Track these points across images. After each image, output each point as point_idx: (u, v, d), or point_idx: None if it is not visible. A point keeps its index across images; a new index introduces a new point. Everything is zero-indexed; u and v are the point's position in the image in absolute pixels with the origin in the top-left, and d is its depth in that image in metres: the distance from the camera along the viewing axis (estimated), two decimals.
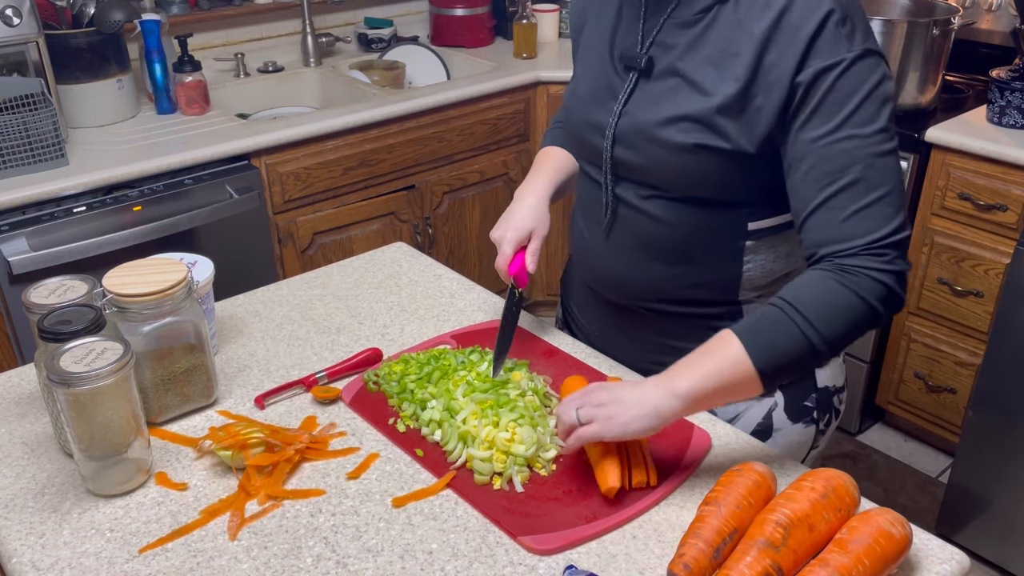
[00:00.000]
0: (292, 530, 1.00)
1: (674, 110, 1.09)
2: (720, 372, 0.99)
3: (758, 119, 1.05)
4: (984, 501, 2.13)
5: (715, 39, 1.07)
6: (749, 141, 1.06)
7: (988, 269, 2.24)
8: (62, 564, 0.96)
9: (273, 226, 2.37)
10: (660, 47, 1.13)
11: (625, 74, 1.17)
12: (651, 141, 1.11)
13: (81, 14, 2.24)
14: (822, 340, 0.99)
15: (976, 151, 2.16)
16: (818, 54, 1.01)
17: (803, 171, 1.04)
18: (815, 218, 1.04)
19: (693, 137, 1.07)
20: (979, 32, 2.64)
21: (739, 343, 0.99)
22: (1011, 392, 2.01)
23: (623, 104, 1.15)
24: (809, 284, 1.02)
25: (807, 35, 1.01)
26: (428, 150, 2.60)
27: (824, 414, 1.27)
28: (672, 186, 1.13)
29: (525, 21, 2.84)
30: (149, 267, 1.12)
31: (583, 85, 1.24)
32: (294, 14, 2.85)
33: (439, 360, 1.24)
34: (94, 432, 1.01)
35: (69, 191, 2.01)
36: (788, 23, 1.02)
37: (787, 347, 0.99)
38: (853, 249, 1.01)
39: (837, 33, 1.01)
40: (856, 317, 1.00)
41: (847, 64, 1.00)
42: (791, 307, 1.00)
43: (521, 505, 1.02)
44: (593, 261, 1.27)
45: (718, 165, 1.08)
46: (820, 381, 1.26)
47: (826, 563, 0.87)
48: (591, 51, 1.24)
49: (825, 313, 0.99)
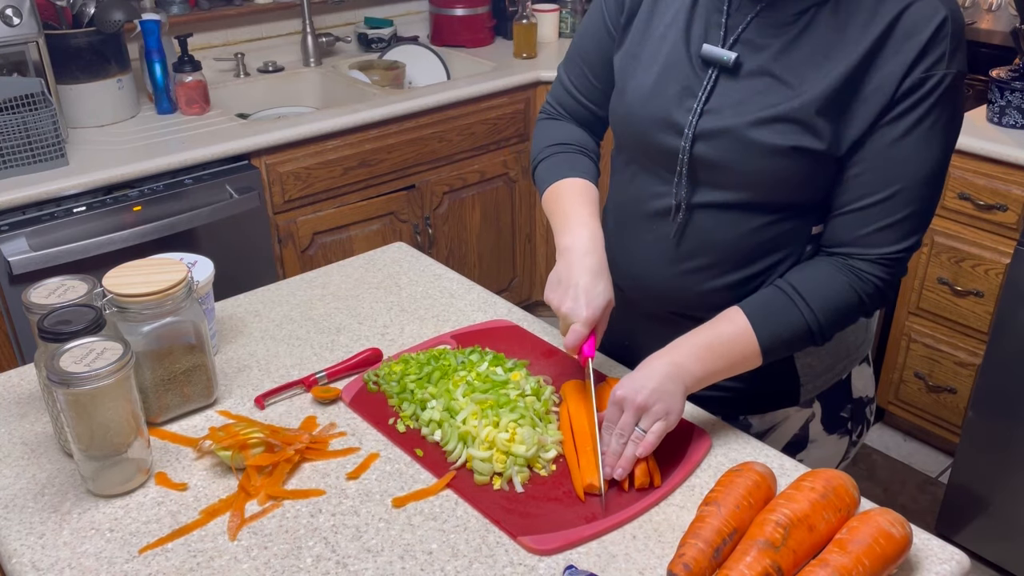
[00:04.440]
0: (292, 530, 1.00)
1: (768, 111, 1.05)
2: (731, 358, 1.07)
3: (853, 123, 1.03)
4: (984, 501, 2.13)
5: (814, 41, 1.04)
6: (841, 144, 1.05)
7: (988, 269, 2.24)
8: (62, 564, 0.96)
9: (273, 226, 2.37)
10: (747, 45, 1.07)
11: (704, 70, 1.10)
12: (740, 142, 1.06)
13: (81, 14, 2.24)
14: (820, 331, 1.08)
15: (976, 151, 2.16)
16: (923, 62, 1.00)
17: (856, 171, 1.05)
18: (847, 218, 1.08)
19: (790, 139, 1.04)
20: (979, 32, 2.64)
21: (746, 321, 1.06)
22: (1011, 392, 2.01)
23: (704, 102, 1.09)
24: (820, 277, 1.08)
25: (920, 43, 0.99)
26: (428, 150, 2.60)
27: (857, 425, 1.28)
28: (755, 188, 1.09)
29: (525, 21, 2.84)
30: (149, 267, 1.12)
31: (648, 75, 1.14)
32: (294, 14, 2.85)
33: (439, 360, 1.24)
34: (94, 432, 1.01)
35: (69, 191, 2.01)
36: (901, 31, 1.00)
37: (791, 334, 1.07)
38: (870, 256, 1.07)
39: (945, 46, 1.00)
40: (852, 313, 1.09)
41: (943, 81, 1.00)
42: (800, 298, 1.07)
43: (521, 505, 1.02)
44: (640, 268, 1.21)
45: (808, 167, 1.06)
46: (855, 391, 1.26)
47: (826, 563, 0.87)
48: (653, 41, 1.15)
49: (829, 308, 1.07)
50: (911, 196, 1.04)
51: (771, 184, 1.08)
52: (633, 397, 1.02)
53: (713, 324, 1.08)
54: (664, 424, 1.02)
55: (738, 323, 1.07)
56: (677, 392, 1.03)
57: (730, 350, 1.07)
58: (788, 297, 1.07)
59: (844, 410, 1.25)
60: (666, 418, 1.03)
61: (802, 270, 1.09)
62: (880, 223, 1.05)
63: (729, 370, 1.08)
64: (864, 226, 1.06)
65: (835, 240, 1.09)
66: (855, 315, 1.09)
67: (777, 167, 1.06)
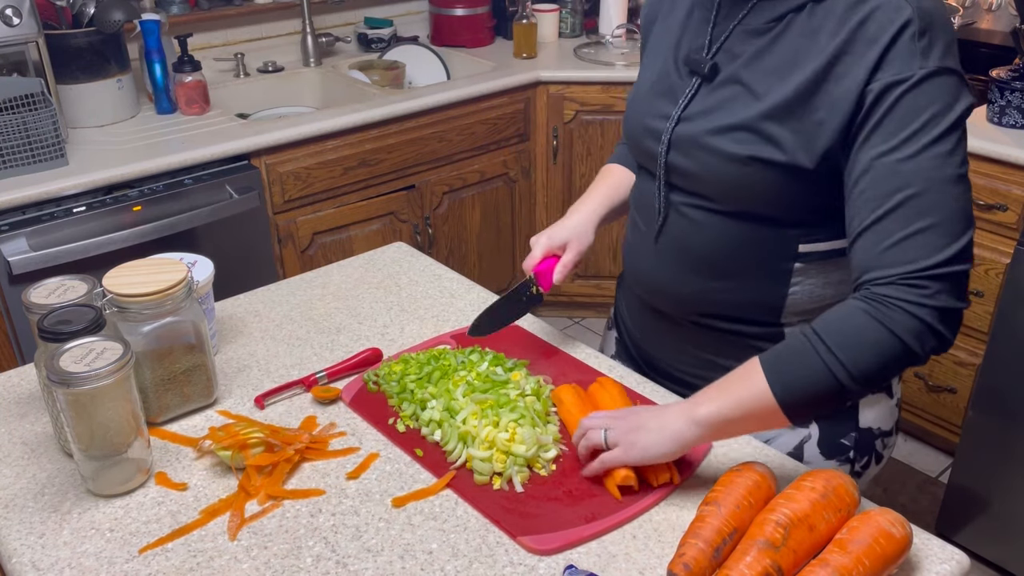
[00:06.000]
0: (292, 530, 1.00)
1: (728, 119, 1.05)
2: (741, 402, 0.97)
3: (819, 133, 1.00)
4: (984, 501, 2.13)
5: (783, 49, 1.03)
6: (808, 156, 1.01)
7: (988, 269, 2.24)
8: (62, 564, 0.96)
9: (273, 226, 2.37)
10: (726, 54, 1.09)
11: (688, 78, 1.12)
12: (703, 149, 1.07)
13: (81, 14, 2.24)
14: (848, 375, 0.93)
15: (976, 151, 2.16)
16: (889, 67, 0.95)
17: (859, 190, 0.98)
18: (862, 240, 0.97)
19: (747, 148, 1.03)
20: (979, 32, 2.64)
21: (762, 373, 0.96)
22: (1011, 392, 2.01)
23: (683, 109, 1.11)
24: (839, 314, 0.96)
25: (881, 47, 0.95)
26: (428, 150, 2.60)
27: (862, 456, 1.19)
28: (723, 198, 1.08)
29: (525, 21, 2.84)
30: (149, 267, 1.12)
31: (645, 84, 1.20)
32: (294, 14, 2.85)
33: (439, 360, 1.24)
34: (94, 432, 1.01)
35: (69, 191, 2.01)
36: (864, 35, 0.97)
37: (811, 380, 0.94)
38: (890, 278, 0.94)
39: (912, 46, 0.94)
40: (885, 352, 0.93)
41: (916, 80, 0.94)
42: (817, 338, 0.95)
43: (521, 505, 1.02)
44: (639, 264, 1.23)
45: (772, 179, 1.03)
46: (863, 421, 1.18)
47: (826, 563, 0.87)
48: (657, 51, 1.20)
49: (851, 346, 0.93)
50: (927, 203, 0.93)
51: (738, 194, 1.07)
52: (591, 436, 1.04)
53: (734, 374, 1.00)
54: (620, 452, 1.01)
55: (755, 376, 0.97)
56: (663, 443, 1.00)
57: (747, 406, 0.97)
58: (807, 342, 0.96)
59: (846, 437, 1.18)
60: (625, 450, 1.01)
61: (826, 313, 0.98)
62: (897, 236, 0.94)
63: (751, 424, 0.99)
64: (881, 243, 0.95)
65: (857, 267, 0.98)
66: (900, 358, 0.94)
67: (739, 176, 1.04)
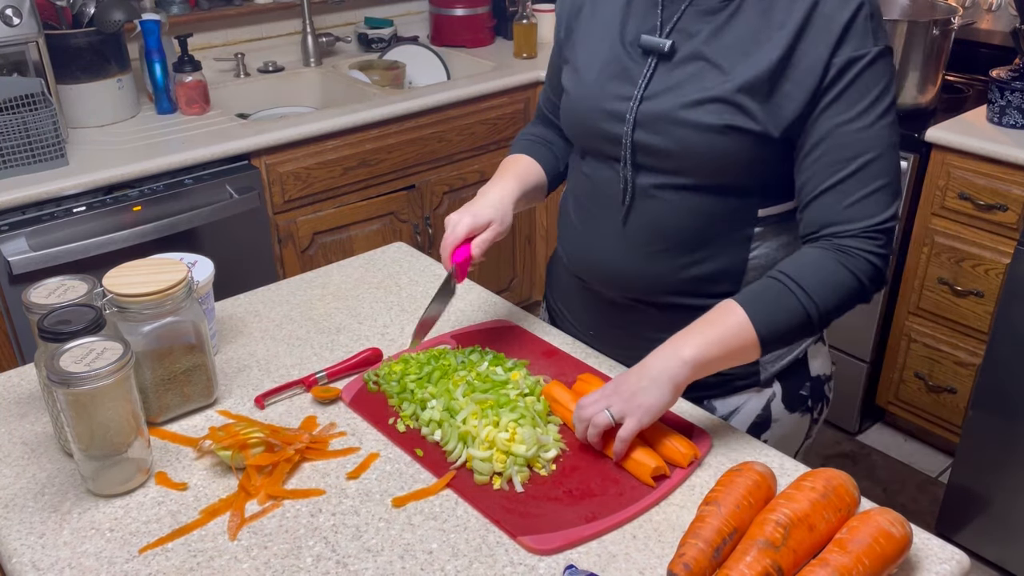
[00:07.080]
0: (292, 530, 1.00)
1: (701, 93, 1.11)
2: (723, 340, 1.06)
3: (786, 105, 1.09)
4: (984, 501, 2.13)
5: (741, 27, 1.10)
6: (775, 126, 1.09)
7: (988, 269, 2.24)
8: (62, 564, 0.96)
9: (273, 226, 2.37)
10: (681, 33, 1.14)
11: (643, 59, 1.16)
12: (677, 124, 1.12)
13: (81, 14, 2.24)
14: (818, 313, 1.07)
15: (976, 151, 2.16)
16: (850, 42, 1.06)
17: (818, 153, 1.09)
18: (824, 198, 1.10)
19: (723, 119, 1.09)
20: (979, 32, 2.64)
21: (743, 312, 1.06)
22: (1011, 392, 2.01)
23: (644, 88, 1.15)
24: (810, 261, 1.09)
25: (840, 24, 1.06)
26: (428, 150, 2.60)
27: (817, 403, 1.32)
28: (696, 171, 1.14)
29: (525, 21, 2.84)
30: (149, 267, 1.12)
31: (590, 72, 1.22)
32: (294, 14, 2.85)
33: (439, 360, 1.24)
34: (94, 432, 1.01)
35: (69, 191, 2.01)
36: (821, 14, 1.07)
37: (787, 319, 1.07)
38: (853, 231, 1.09)
39: (866, 26, 1.06)
40: (848, 294, 1.09)
41: (872, 57, 1.07)
42: (793, 282, 1.07)
43: (521, 505, 1.02)
44: (596, 255, 1.25)
45: (745, 148, 1.10)
46: (813, 370, 1.30)
47: (826, 563, 0.87)
48: (594, 37, 1.23)
49: (824, 289, 1.07)
50: (881, 167, 1.08)
51: (711, 165, 1.13)
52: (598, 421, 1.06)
53: (711, 315, 1.08)
54: (635, 421, 1.04)
55: (735, 315, 1.07)
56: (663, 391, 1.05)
57: (729, 342, 1.06)
58: (783, 285, 1.08)
59: (803, 388, 1.29)
60: (638, 417, 1.04)
61: (792, 260, 1.10)
62: (858, 195, 1.08)
63: (727, 361, 1.08)
64: (843, 201, 1.09)
65: (817, 223, 1.11)
66: (854, 297, 1.10)
67: (714, 146, 1.11)
